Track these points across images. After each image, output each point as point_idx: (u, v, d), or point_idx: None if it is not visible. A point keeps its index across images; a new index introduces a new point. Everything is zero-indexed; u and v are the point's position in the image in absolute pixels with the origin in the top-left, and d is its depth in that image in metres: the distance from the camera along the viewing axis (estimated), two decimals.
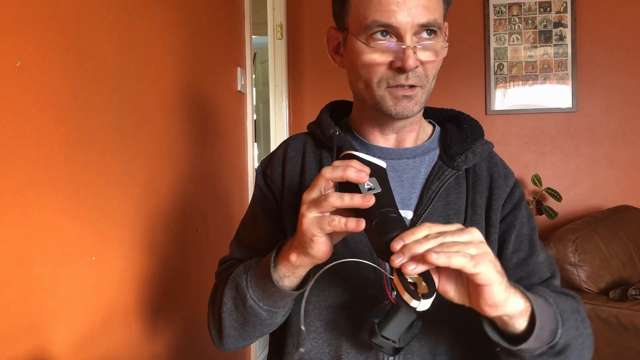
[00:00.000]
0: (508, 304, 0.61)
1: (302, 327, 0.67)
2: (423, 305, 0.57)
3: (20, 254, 0.78)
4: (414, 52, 0.73)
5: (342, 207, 0.61)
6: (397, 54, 0.74)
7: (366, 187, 0.62)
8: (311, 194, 0.64)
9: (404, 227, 0.61)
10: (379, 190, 0.63)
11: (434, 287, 0.57)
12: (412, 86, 0.76)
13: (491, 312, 0.61)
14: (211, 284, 0.86)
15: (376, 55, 0.75)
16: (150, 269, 1.19)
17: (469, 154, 0.83)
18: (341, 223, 0.60)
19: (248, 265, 0.77)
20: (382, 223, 0.60)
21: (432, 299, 0.57)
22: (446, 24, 0.80)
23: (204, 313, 0.87)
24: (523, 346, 0.64)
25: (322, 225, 0.62)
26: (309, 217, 0.62)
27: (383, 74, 0.76)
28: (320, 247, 0.64)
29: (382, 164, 0.67)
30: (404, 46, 0.73)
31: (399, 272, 0.58)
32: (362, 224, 0.60)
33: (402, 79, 0.75)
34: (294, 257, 0.67)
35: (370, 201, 0.60)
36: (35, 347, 0.80)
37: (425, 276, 0.58)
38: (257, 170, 0.93)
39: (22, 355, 0.78)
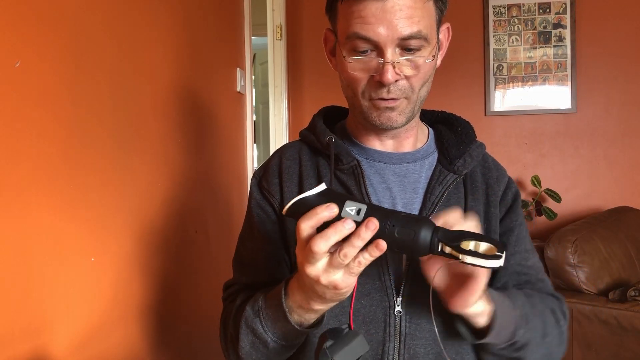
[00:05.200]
0: (475, 305, 0.67)
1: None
2: (503, 259, 0.58)
3: (20, 255, 0.78)
4: (394, 67, 0.72)
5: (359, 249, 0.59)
6: (376, 68, 0.73)
7: (351, 213, 0.59)
8: (317, 267, 0.60)
9: (419, 218, 0.60)
10: (365, 207, 0.59)
11: (496, 240, 0.59)
12: (394, 98, 0.75)
13: (460, 308, 0.67)
14: (211, 285, 0.86)
15: (357, 70, 0.74)
16: (150, 270, 1.19)
17: (467, 157, 0.83)
18: (367, 259, 0.59)
19: (256, 307, 0.74)
20: (403, 229, 0.58)
21: (505, 252, 0.58)
22: (447, 25, 0.80)
23: (204, 313, 0.87)
24: (483, 341, 0.71)
25: (353, 271, 0.60)
26: (338, 277, 0.60)
27: (365, 86, 0.76)
28: (352, 285, 0.63)
29: (322, 186, 0.62)
30: (381, 61, 0.71)
31: (461, 250, 0.57)
32: (382, 244, 0.58)
33: (383, 93, 0.74)
34: (318, 306, 0.66)
35: (372, 223, 0.57)
36: (34, 348, 0.80)
37: (482, 238, 0.59)
38: (251, 183, 0.91)
39: (21, 355, 0.78)
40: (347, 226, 0.58)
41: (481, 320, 0.70)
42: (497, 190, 0.86)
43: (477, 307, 0.68)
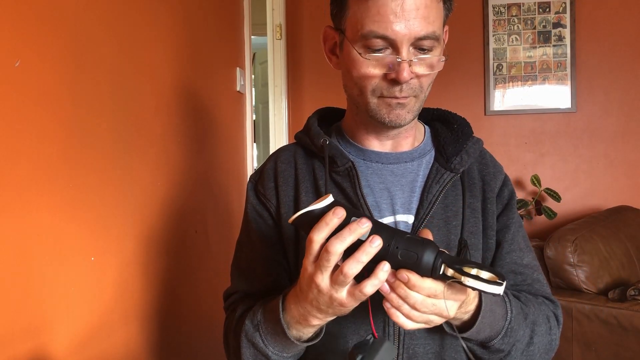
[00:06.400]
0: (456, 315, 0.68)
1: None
2: (503, 287, 0.58)
3: (20, 255, 0.78)
4: (409, 65, 0.71)
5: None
6: (392, 66, 0.72)
7: None
8: (324, 278, 0.60)
9: (423, 240, 0.60)
10: (370, 224, 0.60)
11: (498, 270, 0.59)
12: (405, 96, 0.75)
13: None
14: (211, 285, 0.86)
15: (371, 67, 0.73)
16: (150, 270, 1.19)
17: (464, 155, 0.83)
18: (374, 285, 0.59)
19: (255, 321, 0.75)
20: (407, 251, 0.59)
21: (505, 282, 0.58)
22: (446, 28, 0.79)
23: (204, 313, 0.87)
24: (462, 335, 0.72)
25: (358, 298, 0.61)
26: (343, 297, 0.61)
27: (377, 84, 0.75)
28: (357, 304, 0.63)
29: (330, 198, 0.63)
30: (399, 59, 0.71)
31: (464, 272, 0.58)
32: (386, 266, 0.59)
33: (396, 91, 0.74)
34: (317, 321, 0.67)
35: (377, 239, 0.58)
36: (34, 348, 0.80)
37: (483, 267, 0.58)
38: (247, 188, 0.90)
39: (21, 355, 0.78)
40: (363, 225, 0.58)
41: (457, 322, 0.72)
42: (493, 186, 0.86)
43: (459, 315, 0.69)
